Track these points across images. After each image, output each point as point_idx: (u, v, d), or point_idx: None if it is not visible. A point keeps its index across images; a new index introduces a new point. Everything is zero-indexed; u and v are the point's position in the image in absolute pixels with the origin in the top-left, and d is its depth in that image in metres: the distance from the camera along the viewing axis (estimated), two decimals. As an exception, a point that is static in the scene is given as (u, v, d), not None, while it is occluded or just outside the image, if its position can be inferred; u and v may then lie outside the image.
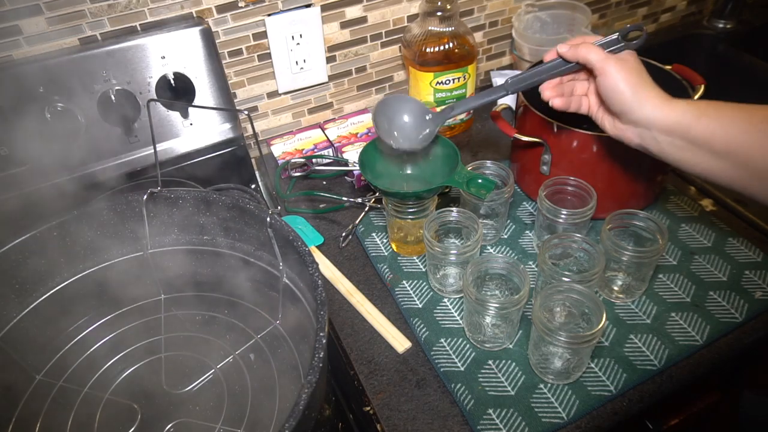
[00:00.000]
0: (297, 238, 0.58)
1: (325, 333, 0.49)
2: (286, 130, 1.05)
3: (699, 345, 0.66)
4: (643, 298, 0.72)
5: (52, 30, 0.77)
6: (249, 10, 0.89)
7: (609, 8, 1.23)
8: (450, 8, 0.92)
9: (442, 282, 0.74)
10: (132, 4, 0.80)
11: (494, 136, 1.03)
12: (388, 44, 1.04)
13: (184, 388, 0.63)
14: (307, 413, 0.44)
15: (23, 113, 0.74)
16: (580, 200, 0.76)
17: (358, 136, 1.00)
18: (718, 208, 0.84)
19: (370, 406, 0.64)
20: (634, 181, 0.78)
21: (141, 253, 0.69)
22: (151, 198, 0.66)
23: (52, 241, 0.63)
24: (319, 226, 0.88)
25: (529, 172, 0.85)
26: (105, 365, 0.65)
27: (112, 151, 0.83)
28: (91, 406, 0.62)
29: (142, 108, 0.81)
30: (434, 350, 0.68)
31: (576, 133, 0.74)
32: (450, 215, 0.73)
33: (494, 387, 0.64)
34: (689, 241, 0.78)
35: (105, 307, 0.69)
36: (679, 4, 1.33)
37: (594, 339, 0.58)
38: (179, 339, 0.67)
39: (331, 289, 0.78)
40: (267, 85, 0.98)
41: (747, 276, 0.73)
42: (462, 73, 0.96)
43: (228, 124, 0.90)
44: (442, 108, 0.75)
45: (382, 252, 0.81)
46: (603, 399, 0.62)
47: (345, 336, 0.72)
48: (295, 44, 0.94)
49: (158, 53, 0.80)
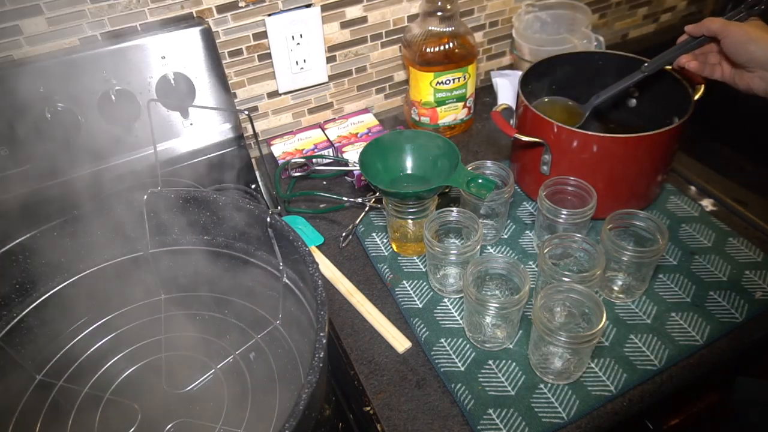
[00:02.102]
0: (297, 238, 0.58)
1: (325, 333, 0.49)
2: (286, 130, 1.05)
3: (699, 345, 0.66)
4: (643, 298, 0.72)
5: (52, 30, 0.77)
6: (249, 10, 0.89)
7: (609, 8, 1.23)
8: (450, 8, 0.92)
9: (442, 282, 0.74)
10: (132, 4, 0.80)
11: (494, 136, 1.03)
12: (389, 44, 1.04)
13: (184, 388, 0.63)
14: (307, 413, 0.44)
15: (23, 113, 0.74)
16: (580, 200, 0.76)
17: (358, 136, 1.00)
18: (718, 208, 0.84)
19: (370, 406, 0.64)
20: (634, 181, 0.78)
21: (141, 253, 0.69)
22: (151, 198, 0.65)
23: (52, 241, 0.63)
24: (319, 226, 0.88)
25: (529, 172, 0.85)
26: (105, 365, 0.65)
27: (112, 151, 0.83)
28: (91, 406, 0.62)
29: (142, 108, 0.81)
30: (434, 350, 0.68)
31: (576, 133, 0.74)
32: (450, 215, 0.73)
33: (494, 387, 0.64)
34: (689, 241, 0.78)
35: (105, 307, 0.69)
36: (679, 4, 1.33)
37: (594, 339, 0.58)
38: (179, 339, 0.67)
39: (331, 289, 0.78)
40: (267, 85, 0.98)
41: (747, 276, 0.73)
42: (462, 73, 0.96)
43: (228, 124, 0.90)
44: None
45: (382, 252, 0.81)
46: (603, 399, 0.62)
47: (345, 336, 0.72)
48: (295, 44, 0.94)
49: (158, 53, 0.80)
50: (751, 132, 1.15)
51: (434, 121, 1.01)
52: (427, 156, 0.78)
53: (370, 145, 0.77)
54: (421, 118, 1.02)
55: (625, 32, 1.31)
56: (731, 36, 0.69)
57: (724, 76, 0.74)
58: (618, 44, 1.30)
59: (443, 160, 0.76)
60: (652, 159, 0.76)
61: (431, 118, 1.01)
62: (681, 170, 0.91)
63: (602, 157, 0.75)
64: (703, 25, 0.72)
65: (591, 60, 0.89)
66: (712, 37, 0.72)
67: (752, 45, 0.67)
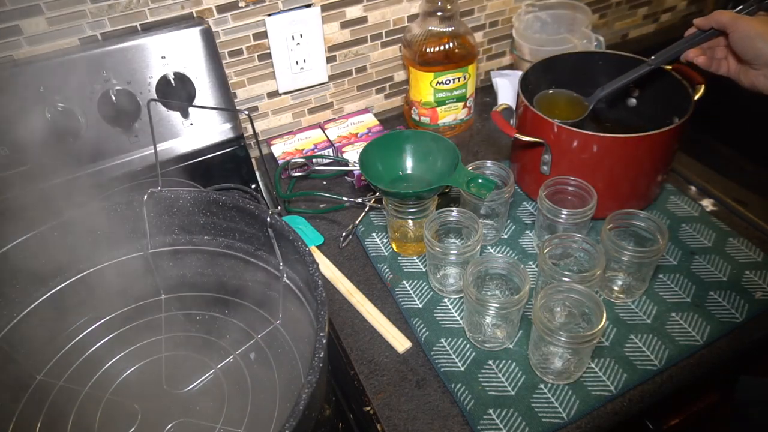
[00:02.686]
0: (297, 238, 0.58)
1: (325, 333, 0.49)
2: (286, 130, 1.05)
3: (699, 345, 0.66)
4: (643, 298, 0.72)
5: (52, 30, 0.77)
6: (249, 10, 0.89)
7: (609, 8, 1.23)
8: (450, 8, 0.92)
9: (442, 282, 0.74)
10: (132, 4, 0.80)
11: (494, 136, 1.03)
12: (389, 44, 1.04)
13: (184, 388, 0.63)
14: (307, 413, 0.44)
15: (23, 113, 0.74)
16: (580, 200, 0.76)
17: (358, 136, 1.00)
18: (718, 208, 0.84)
19: (370, 406, 0.64)
20: (634, 181, 0.78)
21: (141, 253, 0.69)
22: (151, 198, 0.65)
23: (52, 241, 0.63)
24: (319, 226, 0.87)
25: (530, 172, 0.85)
26: (105, 365, 0.65)
27: (112, 151, 0.83)
28: (91, 406, 0.62)
29: (142, 108, 0.81)
30: (434, 350, 0.68)
31: (576, 133, 0.74)
32: (450, 215, 0.73)
33: (494, 387, 0.64)
34: (689, 241, 0.78)
35: (105, 307, 0.69)
36: (679, 4, 1.33)
37: (594, 339, 0.58)
38: (179, 339, 0.67)
39: (331, 289, 0.78)
40: (267, 85, 0.98)
41: (747, 276, 0.73)
42: (462, 73, 0.96)
43: (228, 124, 0.90)
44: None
45: (382, 252, 0.81)
46: (603, 399, 0.62)
47: (345, 336, 0.72)
48: (295, 44, 0.94)
49: (158, 53, 0.80)
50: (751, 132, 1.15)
51: (434, 121, 1.01)
52: (427, 156, 0.78)
53: (370, 145, 0.77)
54: (421, 118, 1.02)
55: (625, 32, 1.31)
56: (740, 31, 0.68)
57: (730, 72, 0.73)
58: (618, 44, 1.30)
59: (443, 160, 0.76)
60: (652, 159, 0.76)
61: (431, 118, 1.01)
62: (681, 170, 0.91)
63: (602, 157, 0.75)
64: (712, 17, 0.71)
65: (591, 60, 0.89)
66: (720, 30, 0.71)
67: (760, 41, 0.66)
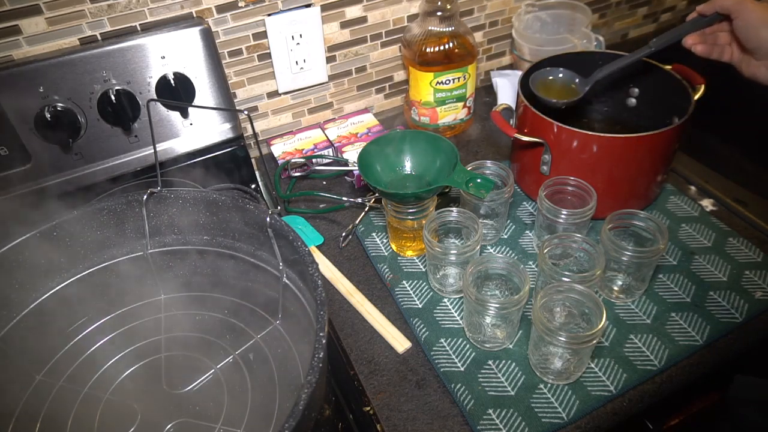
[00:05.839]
0: (297, 238, 0.58)
1: (325, 333, 0.49)
2: (286, 130, 1.05)
3: (699, 345, 0.66)
4: (643, 298, 0.72)
5: (52, 30, 0.77)
6: (249, 10, 0.89)
7: (609, 8, 1.23)
8: (450, 8, 0.92)
9: (442, 282, 0.74)
10: (132, 4, 0.80)
11: (494, 136, 1.03)
12: (388, 44, 1.04)
13: (184, 388, 0.63)
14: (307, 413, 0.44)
15: (23, 113, 0.74)
16: (580, 200, 0.76)
17: (358, 136, 1.00)
18: (718, 208, 0.84)
19: (370, 406, 0.64)
20: (634, 181, 0.78)
21: (141, 253, 0.69)
22: (151, 198, 0.66)
23: (52, 241, 0.63)
24: (319, 226, 0.88)
25: (529, 172, 0.85)
26: (105, 365, 0.65)
27: (112, 151, 0.83)
28: (91, 406, 0.62)
29: (142, 108, 0.81)
30: (434, 350, 0.68)
31: (576, 133, 0.74)
32: (450, 215, 0.73)
33: (494, 387, 0.64)
34: (689, 241, 0.78)
35: (105, 307, 0.69)
36: (679, 4, 1.34)
37: (594, 339, 0.58)
38: (179, 339, 0.67)
39: (331, 289, 0.78)
40: (267, 85, 0.98)
41: (747, 276, 0.73)
42: (462, 72, 0.96)
43: (228, 124, 0.90)
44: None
45: (382, 252, 0.81)
46: (603, 399, 0.62)
47: (345, 336, 0.72)
48: (295, 44, 0.94)
49: (158, 53, 0.80)
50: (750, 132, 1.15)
51: (434, 121, 1.01)
52: (427, 156, 0.77)
53: (369, 146, 0.77)
54: (421, 118, 1.02)
55: (625, 32, 1.31)
56: (744, 17, 0.66)
57: (732, 59, 0.72)
58: (618, 44, 1.30)
59: (443, 160, 0.76)
60: (652, 159, 0.76)
61: (431, 118, 1.01)
62: (681, 170, 0.91)
63: (602, 157, 0.75)
64: (716, 2, 0.69)
65: (591, 60, 0.89)
66: (725, 15, 0.69)
67: (764, 30, 0.64)
